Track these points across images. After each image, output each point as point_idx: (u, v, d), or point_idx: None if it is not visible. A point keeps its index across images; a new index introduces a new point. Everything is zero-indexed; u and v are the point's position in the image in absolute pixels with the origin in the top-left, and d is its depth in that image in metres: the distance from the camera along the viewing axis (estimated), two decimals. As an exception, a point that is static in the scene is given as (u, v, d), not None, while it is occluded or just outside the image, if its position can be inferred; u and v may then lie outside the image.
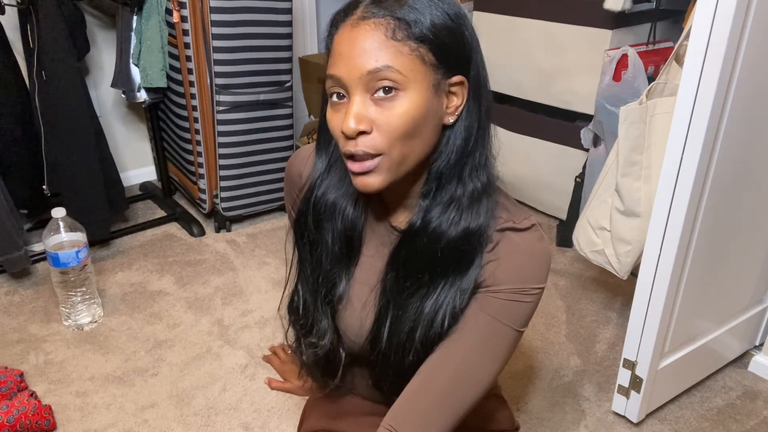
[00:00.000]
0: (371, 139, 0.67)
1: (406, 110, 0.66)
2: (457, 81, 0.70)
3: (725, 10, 1.02)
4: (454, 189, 0.73)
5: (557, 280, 2.01)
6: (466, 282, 0.75)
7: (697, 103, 1.11)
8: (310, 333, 0.85)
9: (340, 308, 0.84)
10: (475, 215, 0.74)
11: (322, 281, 0.83)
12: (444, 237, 0.74)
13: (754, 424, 1.44)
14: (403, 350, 0.78)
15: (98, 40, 2.35)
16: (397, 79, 0.65)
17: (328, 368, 0.88)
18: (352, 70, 0.65)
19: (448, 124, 0.72)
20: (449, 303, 0.75)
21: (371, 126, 0.67)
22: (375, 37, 0.64)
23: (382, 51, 0.64)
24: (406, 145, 0.68)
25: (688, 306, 1.35)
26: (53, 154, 1.94)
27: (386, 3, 0.66)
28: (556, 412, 1.48)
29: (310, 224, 0.82)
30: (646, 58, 1.84)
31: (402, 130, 0.67)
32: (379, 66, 0.64)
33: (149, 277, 2.00)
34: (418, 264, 0.76)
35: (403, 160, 0.69)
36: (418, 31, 0.65)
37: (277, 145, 2.25)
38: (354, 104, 0.66)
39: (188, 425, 1.42)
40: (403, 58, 0.65)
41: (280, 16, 2.07)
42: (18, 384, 1.47)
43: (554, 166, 2.25)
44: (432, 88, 0.67)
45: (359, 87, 0.66)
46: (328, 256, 0.82)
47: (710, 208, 1.24)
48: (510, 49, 2.25)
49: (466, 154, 0.73)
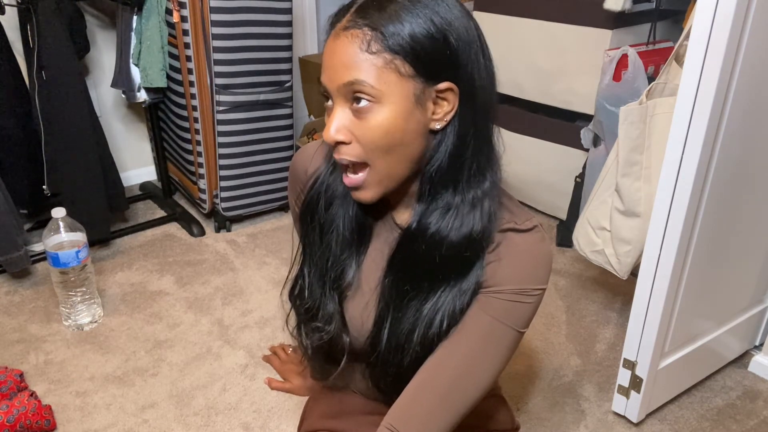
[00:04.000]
0: (351, 149, 0.70)
1: (380, 122, 0.67)
2: (444, 88, 0.69)
3: (725, 10, 1.02)
4: (452, 196, 0.73)
5: (557, 280, 2.01)
6: (466, 284, 0.75)
7: (697, 103, 1.11)
8: (315, 317, 0.85)
9: (348, 294, 0.84)
10: (477, 221, 0.73)
11: (331, 265, 0.83)
12: (444, 243, 0.74)
13: (754, 424, 1.44)
14: (402, 352, 0.78)
15: (98, 40, 2.35)
16: (371, 92, 0.66)
17: (330, 355, 0.88)
18: (331, 81, 0.68)
19: (435, 130, 0.71)
20: (448, 305, 0.75)
21: (350, 137, 0.69)
22: (350, 50, 0.66)
23: (356, 64, 0.66)
24: (389, 156, 0.69)
25: (688, 306, 1.35)
26: (53, 154, 1.94)
27: (369, 12, 0.66)
28: (556, 412, 1.48)
29: (321, 207, 0.82)
30: (646, 58, 1.84)
31: (379, 142, 0.68)
32: (351, 80, 0.66)
33: (149, 277, 2.00)
34: (417, 269, 0.76)
35: (389, 171, 0.71)
36: (393, 42, 0.65)
37: (277, 145, 2.25)
38: (335, 114, 0.69)
39: (188, 425, 1.42)
40: (377, 71, 0.65)
41: (280, 16, 2.07)
42: (18, 384, 1.48)
43: (554, 166, 2.25)
44: (413, 98, 0.67)
45: (339, 97, 0.69)
46: (339, 241, 0.82)
47: (710, 208, 1.24)
48: (510, 49, 2.25)
49: (462, 161, 0.72)
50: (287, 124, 2.25)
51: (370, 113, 0.67)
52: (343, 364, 0.86)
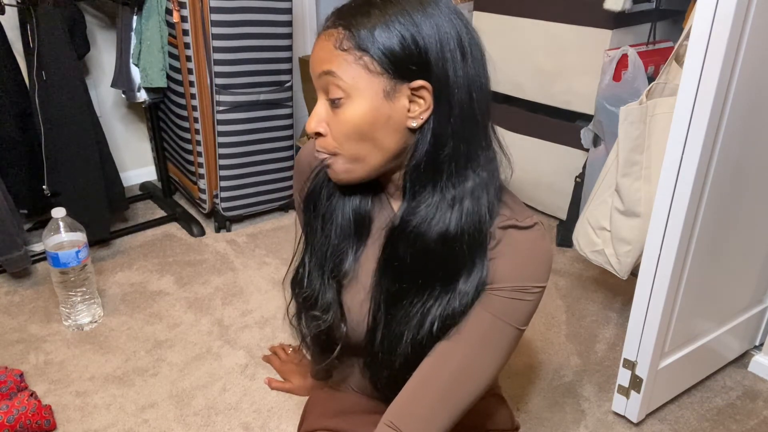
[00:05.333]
0: (324, 140, 0.74)
1: (350, 116, 0.71)
2: (417, 86, 0.69)
3: (725, 10, 1.02)
4: (431, 194, 0.74)
5: (557, 280, 2.01)
6: (464, 285, 0.75)
7: (697, 103, 1.11)
8: (314, 306, 0.86)
9: (345, 283, 0.85)
10: (453, 221, 0.73)
11: (330, 255, 0.85)
12: (419, 241, 0.74)
13: (754, 424, 1.44)
14: (394, 353, 0.79)
15: (98, 40, 2.35)
16: (341, 85, 0.70)
17: (328, 343, 0.89)
18: (313, 73, 0.74)
19: (412, 128, 0.72)
20: (439, 309, 0.75)
21: (326, 129, 0.73)
22: (326, 46, 0.71)
23: (330, 59, 0.70)
24: (357, 147, 0.72)
25: (688, 306, 1.35)
26: (53, 154, 1.94)
27: (346, 13, 0.71)
28: (556, 412, 1.48)
29: (323, 197, 0.84)
30: (646, 58, 1.84)
31: (348, 135, 0.71)
32: (324, 70, 0.71)
33: (149, 277, 2.00)
34: (403, 269, 0.77)
35: (357, 159, 0.73)
36: (361, 41, 0.68)
37: (277, 145, 2.25)
38: (316, 107, 0.74)
39: (188, 425, 1.42)
40: (347, 66, 0.69)
41: (280, 16, 2.07)
42: (18, 384, 1.48)
43: (554, 166, 2.25)
44: (382, 94, 0.69)
45: (320, 89, 0.73)
46: (338, 231, 0.84)
47: (710, 208, 1.24)
48: (510, 49, 2.25)
49: (440, 160, 0.72)
50: (287, 124, 2.26)
51: (342, 107, 0.71)
52: (337, 352, 0.87)
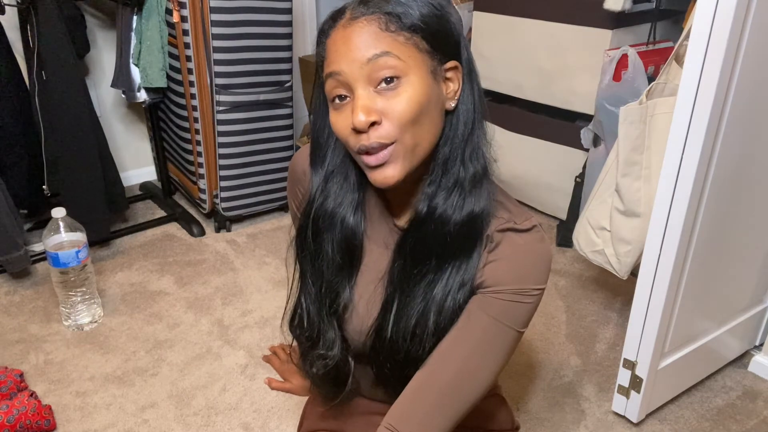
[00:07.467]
0: (383, 129, 0.67)
1: (410, 96, 0.67)
2: (451, 66, 0.72)
3: (725, 10, 1.02)
4: (458, 173, 0.74)
5: (557, 280, 2.01)
6: (470, 267, 0.75)
7: (697, 103, 1.11)
8: (317, 345, 0.85)
9: (345, 317, 0.84)
10: (478, 199, 0.75)
11: (325, 292, 0.82)
12: (450, 221, 0.74)
13: (754, 424, 1.44)
14: (411, 337, 0.78)
15: (98, 40, 2.35)
16: (397, 65, 0.66)
17: (338, 378, 0.88)
18: (352, 63, 0.66)
19: (450, 110, 0.73)
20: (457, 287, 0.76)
21: (380, 116, 0.67)
22: (370, 30, 0.66)
23: (379, 41, 0.66)
24: (416, 131, 0.69)
25: (688, 306, 1.35)
26: (53, 154, 1.94)
27: (372, 2, 0.68)
28: (556, 412, 1.48)
29: (309, 237, 0.82)
30: (646, 58, 1.84)
31: (410, 116, 0.67)
32: (378, 52, 0.66)
33: (149, 277, 2.00)
34: (425, 250, 0.76)
35: (414, 147, 0.70)
36: (408, 21, 0.67)
37: (277, 145, 2.25)
38: (359, 98, 0.67)
39: (188, 425, 1.42)
40: (400, 46, 0.67)
41: (280, 16, 2.07)
42: (18, 384, 1.48)
43: (554, 166, 2.25)
44: (431, 75, 0.69)
45: (361, 80, 0.67)
46: (330, 266, 0.82)
47: (710, 208, 1.24)
48: (510, 49, 2.25)
49: (467, 137, 0.74)
50: (287, 124, 2.26)
51: (400, 87, 0.67)
52: (348, 385, 0.87)
